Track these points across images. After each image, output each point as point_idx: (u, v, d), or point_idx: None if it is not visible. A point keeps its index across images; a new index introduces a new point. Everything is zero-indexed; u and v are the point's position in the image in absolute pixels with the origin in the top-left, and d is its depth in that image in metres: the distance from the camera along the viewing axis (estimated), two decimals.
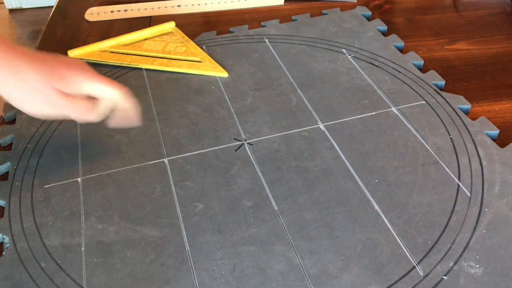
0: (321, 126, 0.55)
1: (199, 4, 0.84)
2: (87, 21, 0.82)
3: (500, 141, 0.52)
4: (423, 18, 0.76)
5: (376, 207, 0.46)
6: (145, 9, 0.83)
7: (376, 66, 0.63)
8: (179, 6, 0.84)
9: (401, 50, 0.67)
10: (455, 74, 0.64)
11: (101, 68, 0.66)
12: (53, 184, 0.50)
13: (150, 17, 0.81)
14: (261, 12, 0.81)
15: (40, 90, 0.44)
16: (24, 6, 2.62)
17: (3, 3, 2.61)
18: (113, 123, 0.50)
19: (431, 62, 0.66)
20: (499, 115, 0.57)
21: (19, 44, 2.33)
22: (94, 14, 0.84)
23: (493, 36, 0.71)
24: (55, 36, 0.78)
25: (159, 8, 0.84)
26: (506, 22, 0.74)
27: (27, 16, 2.54)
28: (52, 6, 0.88)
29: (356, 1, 0.82)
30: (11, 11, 2.61)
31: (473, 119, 0.55)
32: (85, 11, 0.84)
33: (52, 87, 0.45)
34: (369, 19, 0.74)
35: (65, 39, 0.77)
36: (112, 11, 0.84)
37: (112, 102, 0.48)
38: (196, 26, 0.79)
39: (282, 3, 0.83)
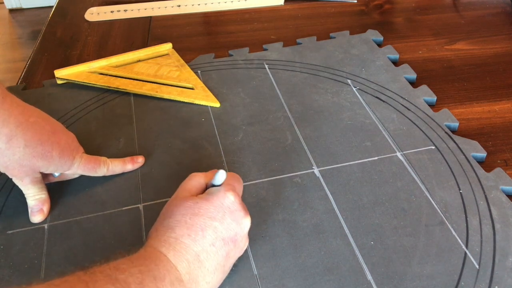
0: (316, 171, 0.50)
1: (199, 4, 0.83)
2: (87, 21, 0.81)
3: None
4: (423, 18, 0.76)
5: (369, 277, 0.40)
6: (145, 9, 0.83)
7: (383, 101, 0.58)
8: (179, 6, 0.83)
9: (413, 83, 0.61)
10: (455, 74, 0.63)
11: (87, 92, 0.62)
12: (17, 230, 0.46)
13: (150, 17, 0.81)
14: (261, 12, 0.80)
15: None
16: (24, 6, 2.62)
17: (3, 3, 2.62)
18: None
19: (431, 62, 0.65)
20: (499, 115, 0.57)
21: (20, 43, 2.34)
22: (94, 14, 0.83)
23: (493, 36, 0.71)
24: (55, 36, 0.78)
25: (159, 8, 0.83)
26: (506, 22, 0.74)
27: (27, 16, 2.54)
28: (52, 6, 0.88)
29: (356, 1, 0.80)
30: (11, 11, 2.61)
31: (488, 170, 0.49)
32: (85, 11, 0.84)
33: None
34: (380, 45, 0.68)
35: (65, 39, 0.77)
36: (112, 11, 0.83)
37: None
38: (196, 26, 0.78)
39: (282, 3, 0.82)
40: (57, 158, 0.45)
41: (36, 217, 0.46)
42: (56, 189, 0.49)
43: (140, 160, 0.51)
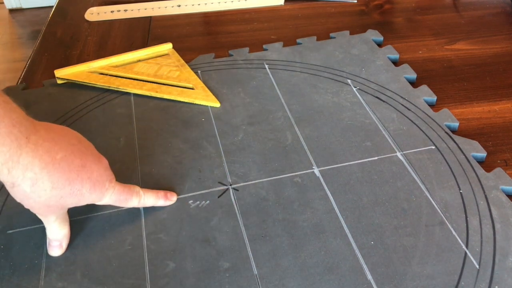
0: (316, 171, 0.50)
1: (199, 4, 0.83)
2: (87, 21, 0.81)
3: None
4: (423, 18, 0.76)
5: (369, 277, 0.40)
6: (145, 9, 0.83)
7: (383, 101, 0.58)
8: (179, 6, 0.83)
9: (413, 83, 0.61)
10: (455, 74, 0.63)
11: (87, 92, 0.62)
12: (17, 230, 0.46)
13: (150, 17, 0.81)
14: (261, 12, 0.80)
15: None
16: (24, 6, 2.62)
17: (3, 3, 2.62)
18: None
19: (431, 62, 0.66)
20: (499, 115, 0.57)
21: (20, 43, 2.35)
22: (94, 14, 0.83)
23: (493, 36, 0.71)
24: (55, 36, 0.78)
25: (159, 8, 0.83)
26: (506, 22, 0.73)
27: (27, 16, 2.55)
28: (52, 6, 0.88)
29: (356, 1, 0.80)
30: (11, 11, 2.61)
31: (488, 170, 0.49)
32: (85, 11, 0.84)
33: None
34: (380, 45, 0.68)
35: (65, 39, 0.77)
36: (112, 11, 0.83)
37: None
38: (196, 26, 0.78)
39: (282, 3, 0.82)
40: (87, 194, 0.41)
41: (54, 252, 0.43)
42: None
43: (173, 198, 0.48)
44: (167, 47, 0.69)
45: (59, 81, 0.64)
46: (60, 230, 0.43)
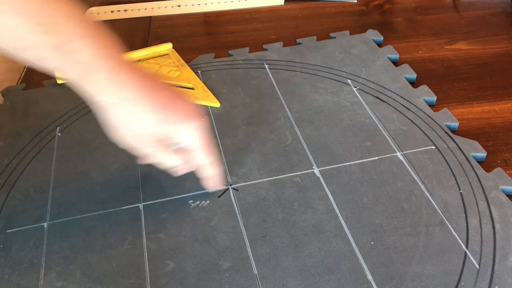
0: (316, 171, 0.50)
1: (199, 4, 0.83)
2: None
3: None
4: (423, 18, 0.76)
5: (369, 277, 0.40)
6: (145, 9, 0.83)
7: (383, 101, 0.58)
8: (179, 6, 0.83)
9: (413, 83, 0.61)
10: (455, 74, 0.63)
11: None
12: (17, 229, 0.46)
13: (150, 17, 0.81)
14: (261, 12, 0.80)
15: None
16: None
17: None
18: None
19: (431, 62, 0.66)
20: (499, 115, 0.57)
21: None
22: (94, 14, 0.83)
23: (493, 36, 0.71)
24: None
25: (159, 8, 0.83)
26: (506, 22, 0.74)
27: None
28: None
29: (356, 1, 0.80)
30: None
31: (488, 170, 0.49)
32: (85, 11, 0.82)
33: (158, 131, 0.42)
34: (380, 45, 0.68)
35: None
36: (112, 11, 0.83)
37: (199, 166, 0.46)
38: (196, 26, 0.78)
39: (282, 3, 0.82)
40: (177, 124, 0.42)
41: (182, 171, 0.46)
42: (56, 188, 0.49)
43: (217, 186, 0.48)
44: (167, 47, 0.69)
45: (59, 81, 0.64)
46: (168, 155, 0.44)
